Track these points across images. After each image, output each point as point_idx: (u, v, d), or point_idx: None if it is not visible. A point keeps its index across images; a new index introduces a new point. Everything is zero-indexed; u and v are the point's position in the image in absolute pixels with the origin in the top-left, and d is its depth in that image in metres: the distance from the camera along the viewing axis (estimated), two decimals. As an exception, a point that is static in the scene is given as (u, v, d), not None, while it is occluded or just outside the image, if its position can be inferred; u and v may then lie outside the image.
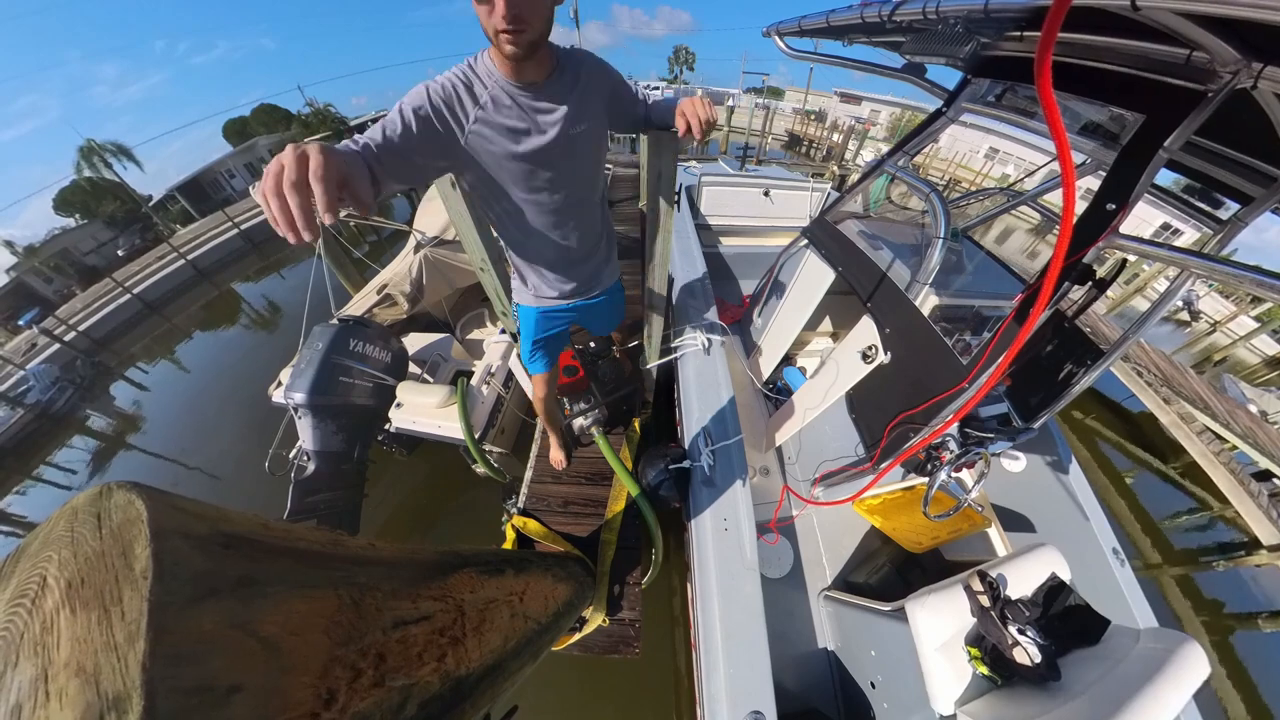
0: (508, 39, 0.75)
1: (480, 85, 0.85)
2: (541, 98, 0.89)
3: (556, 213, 1.07)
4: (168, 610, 0.19)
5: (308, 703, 0.25)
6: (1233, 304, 12.67)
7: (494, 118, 0.86)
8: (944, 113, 1.51)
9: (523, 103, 0.88)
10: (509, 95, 0.87)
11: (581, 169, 1.04)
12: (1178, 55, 0.81)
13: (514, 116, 0.88)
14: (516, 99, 0.87)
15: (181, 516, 0.23)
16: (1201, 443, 4.94)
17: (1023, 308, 1.05)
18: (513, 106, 0.87)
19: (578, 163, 1.02)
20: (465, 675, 0.40)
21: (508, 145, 0.90)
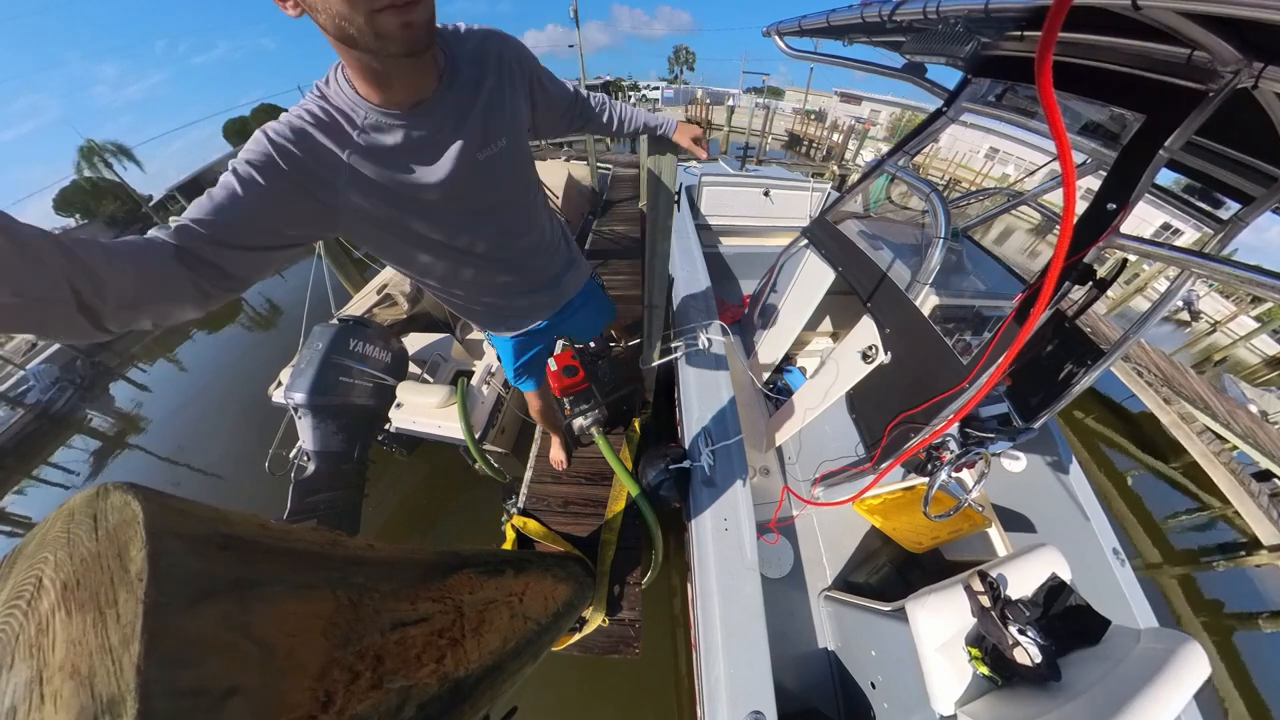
0: (399, 24, 0.47)
1: (346, 118, 0.60)
2: (433, 118, 0.64)
3: (488, 255, 0.86)
4: (163, 612, 0.19)
5: (305, 705, 0.25)
6: (1233, 304, 12.66)
7: (374, 159, 0.62)
8: (944, 112, 1.51)
9: (410, 133, 0.63)
10: (388, 124, 0.62)
11: (508, 195, 0.81)
12: (1178, 55, 0.81)
13: (400, 153, 0.64)
14: (399, 128, 0.63)
15: (178, 517, 0.23)
16: (1202, 443, 4.93)
17: (1023, 308, 1.05)
18: (397, 139, 0.63)
19: (501, 191, 0.79)
20: (464, 676, 0.40)
21: (399, 192, 0.66)
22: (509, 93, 0.73)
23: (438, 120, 0.65)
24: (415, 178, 0.66)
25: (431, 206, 0.70)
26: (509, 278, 0.97)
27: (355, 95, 0.59)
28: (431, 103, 0.64)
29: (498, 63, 0.71)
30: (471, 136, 0.69)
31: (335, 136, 0.60)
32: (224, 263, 0.53)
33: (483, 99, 0.69)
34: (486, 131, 0.70)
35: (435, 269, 0.82)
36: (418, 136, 0.64)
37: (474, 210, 0.77)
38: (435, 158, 0.67)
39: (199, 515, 0.25)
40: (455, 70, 0.66)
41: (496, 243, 0.86)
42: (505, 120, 0.73)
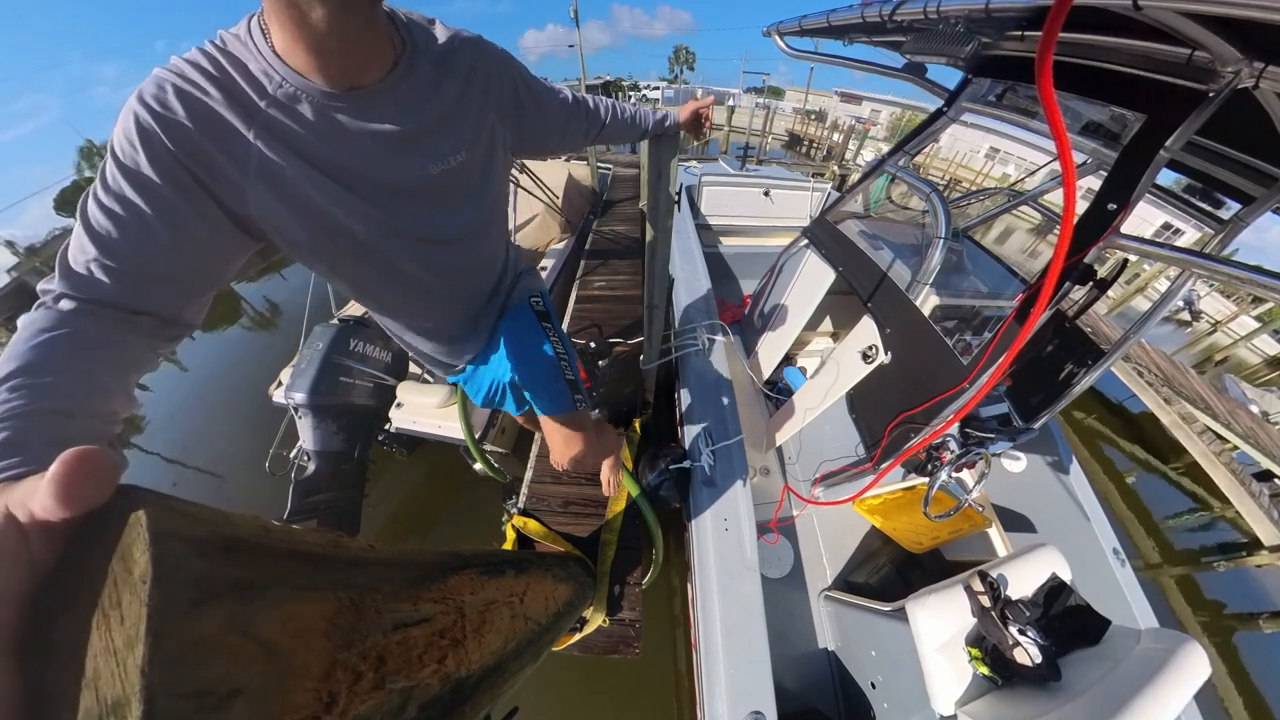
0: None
1: (253, 82, 0.44)
2: (373, 110, 0.50)
3: (428, 294, 0.71)
4: (167, 615, 0.19)
5: (309, 706, 0.25)
6: (1234, 304, 12.66)
7: (288, 143, 0.46)
8: (945, 112, 1.51)
9: (339, 119, 0.48)
10: (313, 101, 0.46)
11: (465, 223, 0.66)
12: (1179, 55, 0.81)
13: (324, 143, 0.48)
14: (326, 109, 0.47)
15: (180, 520, 0.23)
16: (1202, 443, 4.93)
17: (1023, 308, 1.05)
18: (321, 124, 0.47)
19: (455, 217, 0.64)
20: (466, 677, 0.40)
21: (314, 191, 0.49)
22: (477, 104, 0.61)
23: (379, 114, 0.50)
24: (342, 181, 0.50)
25: (358, 212, 0.54)
26: (447, 321, 0.83)
27: (271, 54, 0.43)
28: (374, 91, 0.49)
29: (468, 71, 0.59)
30: (421, 144, 0.55)
31: (237, 106, 0.43)
32: (161, 309, 0.43)
33: (441, 105, 0.56)
34: (440, 142, 0.57)
35: (358, 286, 0.67)
36: (350, 128, 0.48)
37: (417, 237, 0.62)
38: (370, 160, 0.51)
39: (201, 517, 0.25)
40: (413, 65, 0.53)
41: (447, 275, 0.71)
42: (467, 133, 0.60)
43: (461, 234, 0.68)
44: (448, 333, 0.87)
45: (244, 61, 0.44)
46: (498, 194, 0.74)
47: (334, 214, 0.52)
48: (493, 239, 0.79)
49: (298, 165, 0.47)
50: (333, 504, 2.49)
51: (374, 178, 0.54)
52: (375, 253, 0.60)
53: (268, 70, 0.44)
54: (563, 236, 4.35)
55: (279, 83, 0.44)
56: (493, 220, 0.75)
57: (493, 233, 0.78)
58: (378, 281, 0.66)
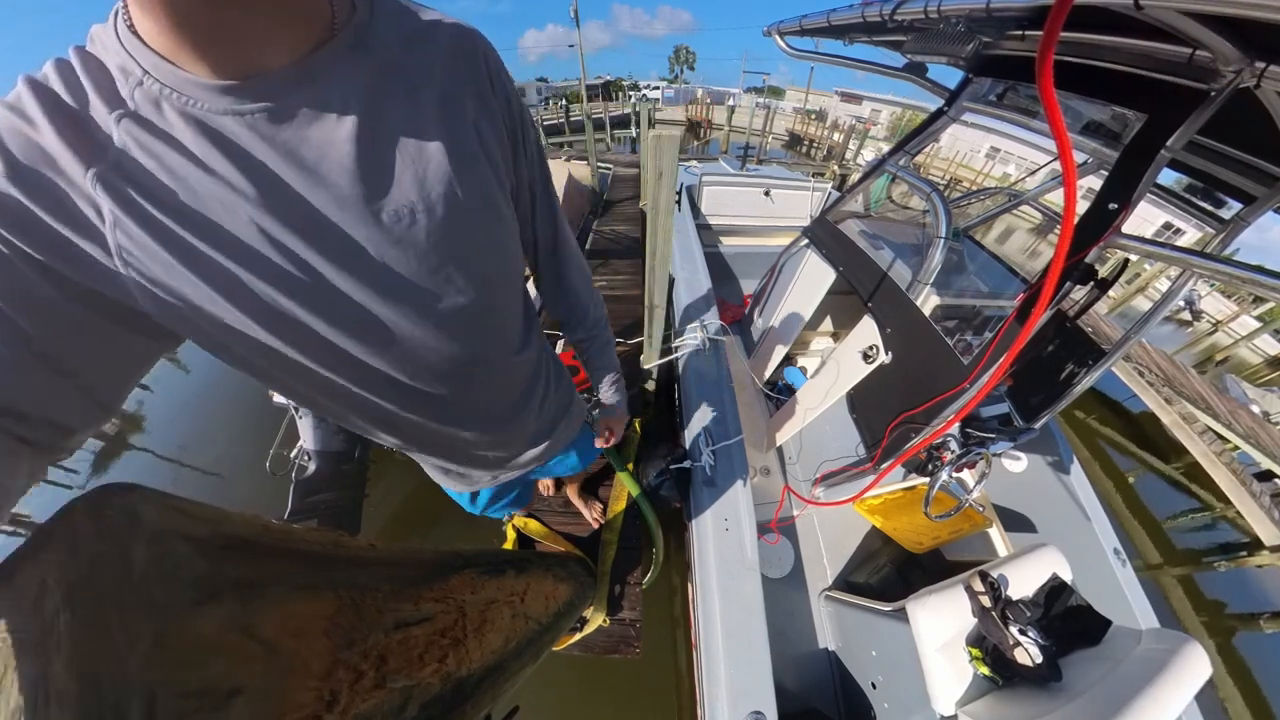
0: None
1: (106, 89, 0.29)
2: (290, 108, 0.31)
3: (409, 392, 0.47)
4: (167, 613, 0.19)
5: (310, 705, 0.25)
6: (1235, 304, 12.64)
7: (137, 174, 0.29)
8: (945, 112, 1.51)
9: (229, 128, 0.30)
10: (180, 107, 0.29)
11: (457, 289, 0.43)
12: (1180, 54, 0.81)
13: (204, 162, 0.30)
14: (204, 119, 0.30)
15: (181, 518, 0.23)
16: (1203, 443, 4.93)
17: (1024, 308, 1.05)
18: (195, 138, 0.30)
19: (448, 290, 0.42)
20: (466, 676, 0.40)
21: (189, 255, 0.31)
22: (483, 117, 0.41)
23: (297, 114, 0.32)
24: (223, 234, 0.32)
25: (272, 270, 0.34)
26: (460, 428, 0.58)
27: (131, 38, 0.28)
28: (288, 77, 0.31)
29: (471, 70, 0.40)
30: (373, 166, 0.35)
31: (79, 137, 0.28)
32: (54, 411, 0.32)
33: (428, 104, 0.37)
34: (419, 166, 0.36)
35: (308, 399, 0.46)
36: (242, 141, 0.31)
37: (370, 319, 0.40)
38: (284, 187, 0.32)
39: (202, 516, 0.25)
40: (365, 37, 0.34)
41: (432, 366, 0.46)
42: (465, 157, 0.39)
43: (457, 310, 0.44)
44: (462, 456, 0.65)
45: (103, 61, 0.29)
46: (511, 250, 0.48)
47: (218, 289, 0.33)
48: (506, 313, 0.53)
49: (156, 190, 0.30)
50: (333, 503, 2.49)
51: (292, 209, 0.33)
52: (315, 351, 0.39)
53: (125, 65, 0.29)
54: (563, 236, 4.35)
55: (138, 80, 0.28)
56: (502, 284, 0.49)
57: (505, 303, 0.52)
58: (343, 402, 0.45)
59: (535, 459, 0.76)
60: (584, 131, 7.17)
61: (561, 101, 21.29)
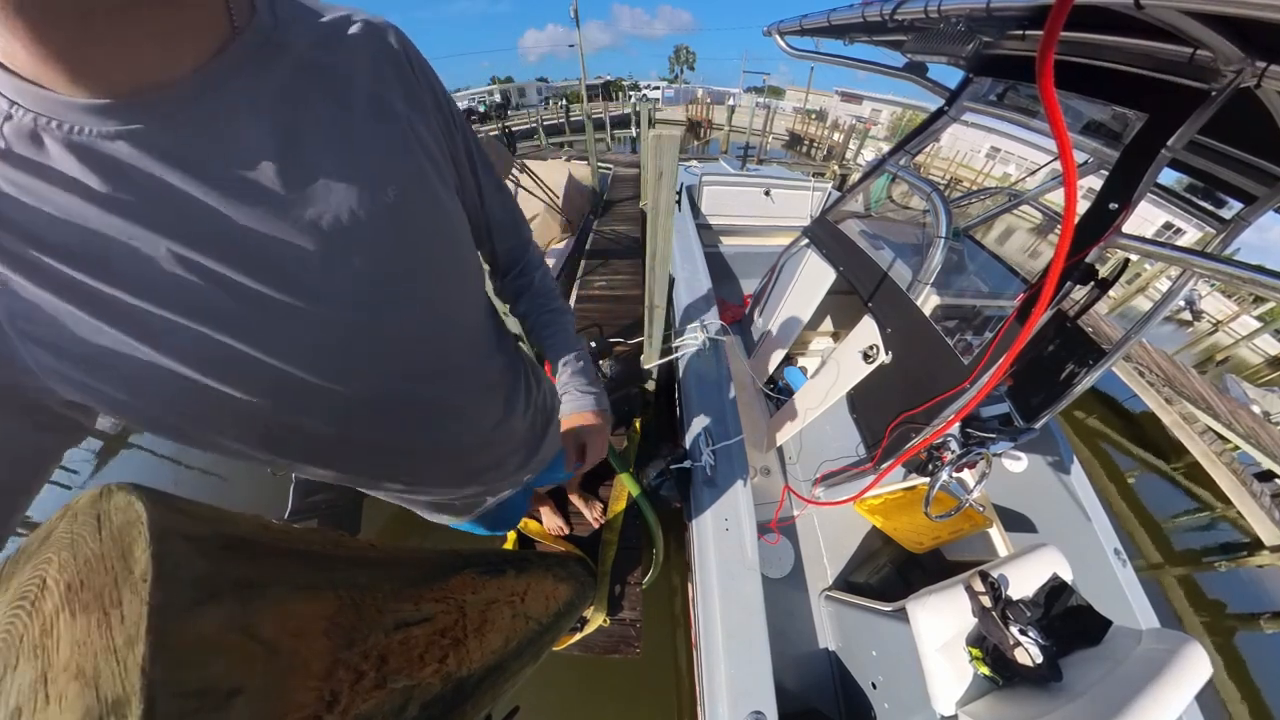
0: None
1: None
2: (195, 122, 0.28)
3: (382, 414, 0.44)
4: (168, 613, 0.19)
5: (310, 705, 0.25)
6: (1235, 304, 12.64)
7: (26, 217, 0.25)
8: (945, 112, 1.51)
9: (121, 154, 0.26)
10: (61, 136, 0.25)
11: (428, 311, 0.43)
12: (1181, 54, 0.81)
13: (94, 199, 0.26)
14: (91, 145, 0.26)
15: (182, 518, 0.23)
16: (1204, 443, 4.92)
17: (1024, 308, 1.05)
18: (84, 169, 0.26)
19: (409, 304, 0.41)
20: (467, 676, 0.40)
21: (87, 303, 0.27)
22: (414, 112, 0.39)
23: (214, 120, 0.29)
24: (142, 257, 0.28)
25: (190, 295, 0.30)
26: (418, 476, 0.55)
27: None
28: (195, 84, 0.28)
29: (393, 63, 0.38)
30: (304, 174, 0.32)
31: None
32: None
33: (355, 105, 0.35)
34: (354, 169, 0.34)
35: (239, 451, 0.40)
36: (139, 166, 0.27)
37: (326, 338, 0.36)
38: (201, 207, 0.29)
39: (202, 516, 0.25)
40: (274, 42, 0.31)
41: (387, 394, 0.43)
42: (404, 156, 0.37)
43: (418, 322, 0.41)
44: (452, 478, 0.60)
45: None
46: (463, 245, 0.46)
47: (136, 334, 0.29)
48: (472, 322, 0.50)
49: (58, 261, 0.26)
50: (333, 503, 2.49)
51: (222, 244, 0.30)
52: (262, 385, 0.35)
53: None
54: (563, 236, 4.36)
55: (4, 114, 0.25)
56: (461, 290, 0.47)
57: (469, 312, 0.49)
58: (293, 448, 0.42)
59: (529, 469, 0.72)
60: (584, 131, 7.17)
61: (561, 101, 21.29)
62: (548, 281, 0.64)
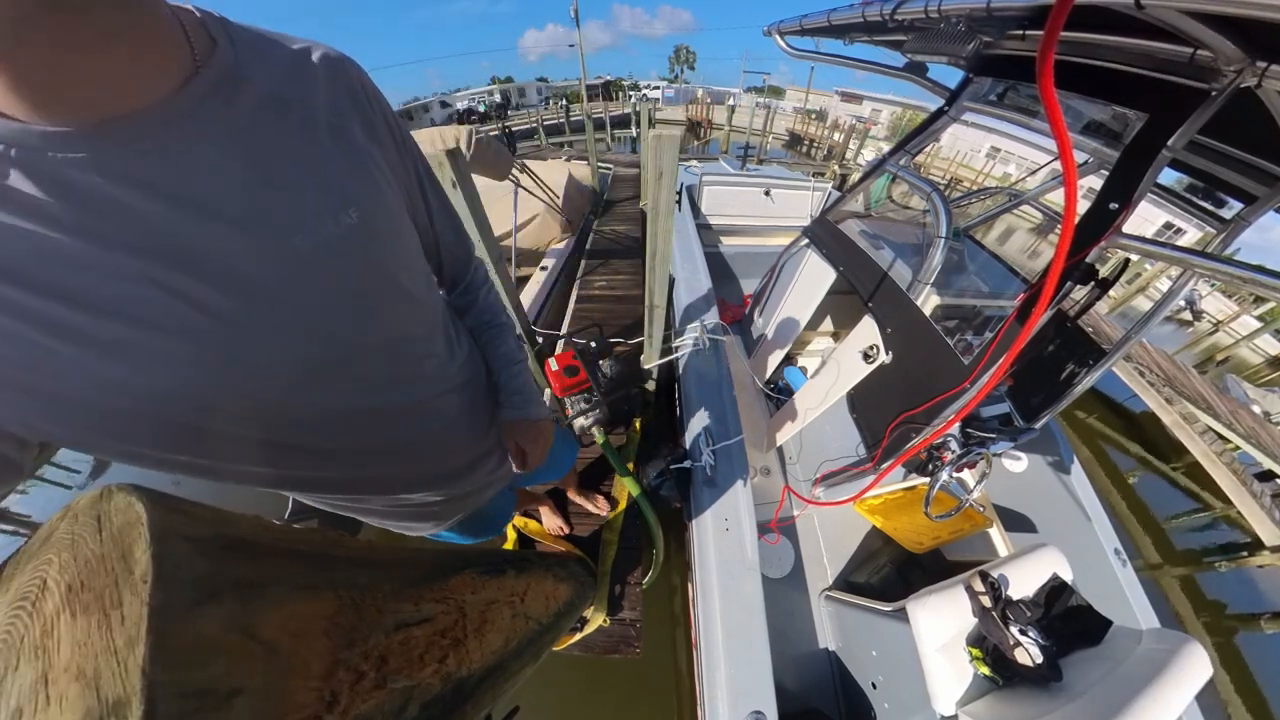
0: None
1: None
2: (169, 144, 0.29)
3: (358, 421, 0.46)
4: (168, 614, 0.19)
5: (311, 705, 0.25)
6: (1235, 303, 12.63)
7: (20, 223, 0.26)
8: (945, 111, 1.51)
9: (88, 183, 0.27)
10: (25, 165, 0.26)
11: (392, 329, 0.45)
12: (1181, 54, 0.81)
13: (62, 226, 0.27)
14: (55, 171, 0.26)
15: (182, 519, 0.23)
16: (1204, 443, 4.92)
17: (1024, 308, 1.05)
18: (49, 197, 0.26)
19: (372, 320, 0.43)
20: (467, 676, 0.40)
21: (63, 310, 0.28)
22: (371, 138, 0.41)
23: (183, 146, 0.30)
24: (111, 282, 0.29)
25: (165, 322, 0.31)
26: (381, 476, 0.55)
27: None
28: (163, 112, 0.29)
29: (350, 94, 0.40)
30: (272, 197, 0.33)
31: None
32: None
33: (317, 133, 0.36)
34: (317, 192, 0.36)
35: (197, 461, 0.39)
36: (115, 180, 0.28)
37: (299, 351, 0.38)
38: (173, 230, 0.30)
39: (202, 517, 0.25)
40: (237, 74, 0.33)
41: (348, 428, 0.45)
42: (363, 180, 0.39)
43: (367, 350, 0.43)
44: (427, 484, 0.61)
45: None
46: (419, 260, 0.50)
47: (110, 358, 0.29)
48: (433, 330, 0.53)
49: (24, 292, 0.27)
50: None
51: (193, 264, 0.31)
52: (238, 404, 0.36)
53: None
54: (563, 236, 4.35)
55: None
56: (420, 304, 0.49)
57: (429, 322, 0.52)
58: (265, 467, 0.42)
59: (503, 469, 0.73)
60: (584, 131, 7.17)
61: (561, 101, 21.30)
62: (491, 298, 0.68)
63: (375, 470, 0.53)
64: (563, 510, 1.90)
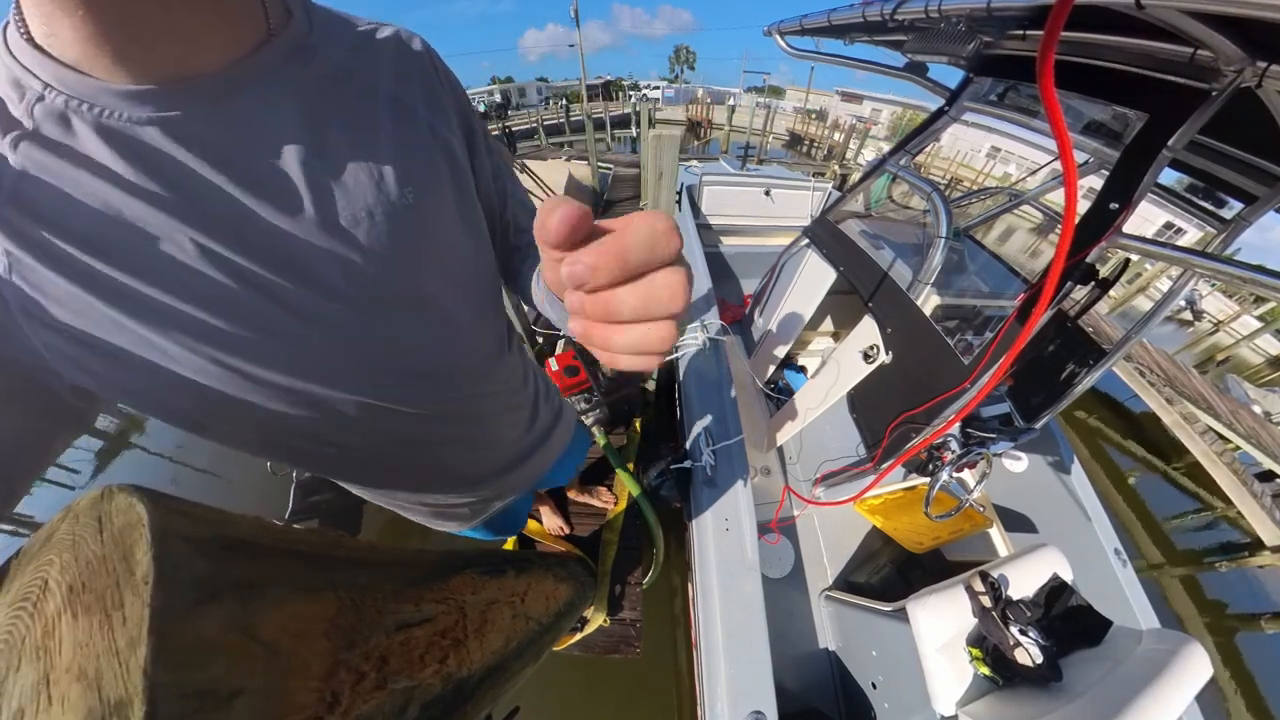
0: None
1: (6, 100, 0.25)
2: (232, 113, 0.29)
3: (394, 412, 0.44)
4: (169, 615, 0.19)
5: (311, 706, 0.25)
6: (1236, 303, 12.62)
7: (63, 174, 0.25)
8: (946, 111, 1.51)
9: (150, 138, 0.27)
10: (93, 118, 0.26)
11: (419, 317, 0.42)
12: (1182, 54, 0.81)
13: (119, 183, 0.26)
14: (122, 129, 0.26)
15: (183, 520, 0.23)
16: (1204, 443, 4.92)
17: (1025, 308, 1.05)
18: (115, 150, 0.26)
19: (420, 314, 0.41)
20: (467, 676, 0.40)
21: (115, 273, 0.27)
22: (436, 117, 0.39)
23: (246, 115, 0.29)
24: (163, 247, 0.28)
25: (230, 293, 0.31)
26: (421, 479, 0.55)
27: (27, 48, 0.25)
28: (231, 79, 0.29)
29: (419, 73, 0.39)
30: (329, 173, 0.33)
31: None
32: None
33: (379, 109, 0.36)
34: (376, 171, 0.35)
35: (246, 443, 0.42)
36: (169, 151, 0.27)
37: (341, 334, 0.37)
38: (227, 200, 0.29)
39: (203, 517, 0.25)
40: (308, 46, 0.33)
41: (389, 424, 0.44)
42: (419, 158, 0.38)
43: (419, 340, 0.42)
44: (460, 481, 0.60)
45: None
46: (479, 245, 0.46)
47: (154, 326, 0.29)
48: (485, 323, 0.50)
49: (79, 249, 0.26)
50: (334, 504, 2.49)
51: (243, 238, 0.30)
52: (277, 381, 0.35)
53: (19, 80, 0.25)
54: (563, 236, 4.36)
55: (37, 95, 0.25)
56: (470, 302, 0.47)
57: (484, 313, 0.50)
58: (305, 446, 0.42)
59: (537, 467, 0.73)
60: (584, 131, 7.17)
61: (562, 101, 21.29)
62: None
63: (413, 461, 0.51)
64: (563, 510, 1.90)
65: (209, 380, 0.32)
